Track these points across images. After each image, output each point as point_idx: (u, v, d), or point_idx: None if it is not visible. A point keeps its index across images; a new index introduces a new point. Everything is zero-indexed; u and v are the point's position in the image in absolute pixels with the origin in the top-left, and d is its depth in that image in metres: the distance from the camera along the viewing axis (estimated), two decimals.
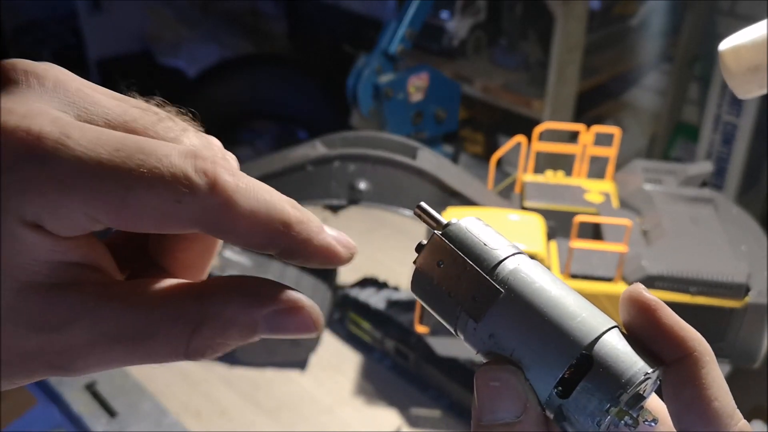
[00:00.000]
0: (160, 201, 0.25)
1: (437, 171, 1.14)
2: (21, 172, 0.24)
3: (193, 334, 0.27)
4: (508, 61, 2.17)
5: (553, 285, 0.29)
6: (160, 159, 0.25)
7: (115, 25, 2.81)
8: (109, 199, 0.25)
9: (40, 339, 0.26)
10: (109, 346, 0.26)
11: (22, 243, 0.25)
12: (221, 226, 0.26)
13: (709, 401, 0.28)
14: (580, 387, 0.28)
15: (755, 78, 0.55)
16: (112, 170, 0.25)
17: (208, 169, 0.26)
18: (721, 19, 2.02)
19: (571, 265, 0.99)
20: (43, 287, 0.26)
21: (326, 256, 0.28)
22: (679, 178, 1.16)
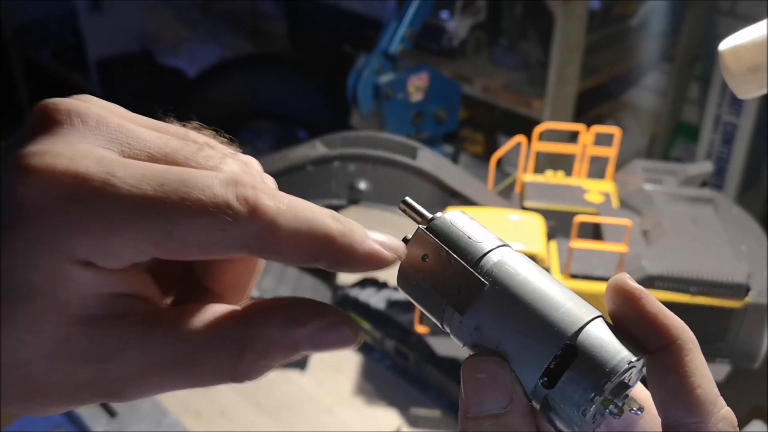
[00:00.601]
0: (205, 231, 0.26)
1: (437, 171, 1.14)
2: (70, 214, 0.25)
3: (239, 359, 0.28)
4: (508, 61, 2.17)
5: (538, 276, 0.30)
6: (203, 190, 0.26)
7: (115, 25, 2.81)
8: (156, 233, 0.26)
9: (93, 369, 0.27)
10: (159, 374, 0.27)
11: (74, 280, 0.25)
12: (266, 249, 0.27)
13: (692, 388, 0.29)
14: (565, 377, 0.28)
15: (755, 78, 0.55)
16: (157, 205, 0.25)
17: (249, 195, 0.26)
18: (721, 19, 2.02)
19: (571, 265, 0.99)
20: (93, 320, 0.26)
21: (372, 262, 0.29)
22: (679, 178, 1.16)
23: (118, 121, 0.28)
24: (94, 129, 0.27)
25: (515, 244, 1.01)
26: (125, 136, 0.28)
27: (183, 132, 0.30)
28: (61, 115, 0.27)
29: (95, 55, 2.82)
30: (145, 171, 0.26)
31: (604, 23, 2.17)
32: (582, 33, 1.83)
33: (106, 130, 0.27)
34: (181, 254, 0.26)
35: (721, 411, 0.29)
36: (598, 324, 0.29)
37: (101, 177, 0.25)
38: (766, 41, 0.54)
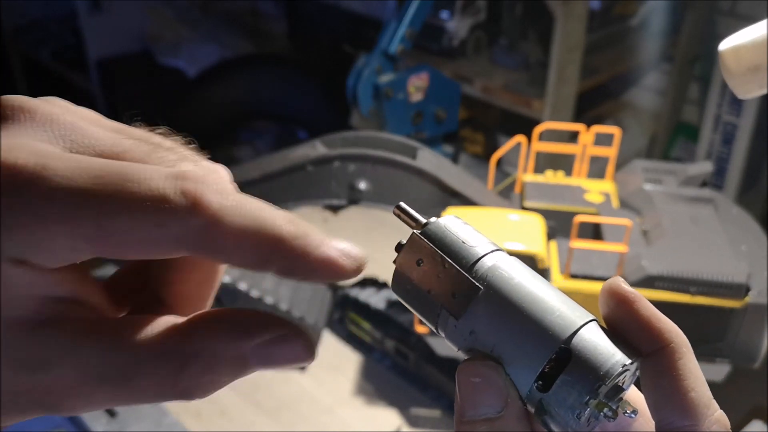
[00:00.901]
0: (141, 226, 0.24)
1: (437, 171, 1.14)
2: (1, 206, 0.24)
3: (181, 374, 0.26)
4: (508, 61, 2.17)
5: (532, 281, 0.30)
6: (140, 183, 0.25)
7: (115, 25, 2.81)
8: (89, 228, 0.24)
9: (29, 378, 0.25)
10: (95, 387, 0.26)
11: (6, 279, 0.24)
12: (208, 247, 0.25)
13: (686, 392, 0.29)
14: (559, 380, 0.28)
15: (755, 78, 0.55)
16: (90, 198, 0.24)
17: (190, 188, 0.25)
18: (721, 19, 2.02)
19: (571, 265, 0.99)
20: (28, 324, 0.25)
21: (328, 270, 0.27)
22: (679, 178, 1.16)
23: (70, 119, 0.27)
24: (41, 125, 0.26)
25: (515, 244, 1.01)
26: (73, 133, 0.27)
27: (143, 134, 0.29)
28: (7, 110, 0.26)
29: (95, 55, 2.82)
30: (82, 163, 0.25)
31: (604, 23, 2.17)
32: (582, 33, 1.83)
33: (54, 127, 0.26)
34: (119, 252, 0.25)
35: (715, 414, 0.29)
36: (592, 327, 0.29)
37: (30, 168, 0.24)
38: (766, 41, 0.54)
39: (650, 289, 0.96)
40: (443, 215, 0.34)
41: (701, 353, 1.00)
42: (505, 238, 1.00)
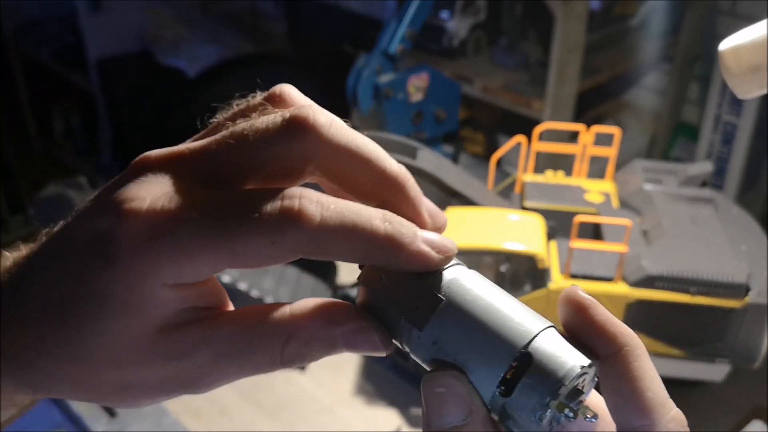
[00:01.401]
0: (259, 245, 0.30)
1: (437, 171, 1.14)
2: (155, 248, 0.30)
3: (285, 347, 0.32)
4: (508, 61, 2.17)
5: (492, 292, 0.31)
6: (252, 210, 0.30)
7: (115, 25, 2.81)
8: (221, 252, 0.30)
9: (173, 366, 0.32)
10: (227, 364, 0.32)
11: (161, 300, 0.31)
12: (316, 252, 0.30)
13: (641, 392, 0.30)
14: (520, 385, 0.29)
15: (755, 78, 0.55)
16: (219, 231, 0.30)
17: (293, 206, 0.30)
18: (722, 19, 2.02)
19: (571, 265, 0.99)
20: (171, 326, 0.32)
21: (420, 263, 0.31)
22: (679, 178, 1.16)
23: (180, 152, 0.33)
24: (167, 169, 0.32)
25: (515, 244, 1.01)
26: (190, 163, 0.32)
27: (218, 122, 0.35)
28: (149, 163, 0.33)
29: (95, 55, 2.82)
30: (207, 200, 0.31)
31: (604, 23, 2.17)
32: (582, 33, 1.83)
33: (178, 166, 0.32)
34: (245, 265, 0.31)
35: (671, 412, 0.30)
36: (551, 333, 0.30)
37: (174, 213, 0.30)
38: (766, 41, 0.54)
39: (650, 289, 0.96)
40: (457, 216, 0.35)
41: (701, 353, 1.00)
42: (505, 238, 1.00)
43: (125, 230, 0.30)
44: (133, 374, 0.32)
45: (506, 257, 0.98)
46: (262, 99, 0.35)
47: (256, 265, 0.31)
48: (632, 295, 0.97)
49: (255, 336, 0.32)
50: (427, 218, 0.33)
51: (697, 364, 1.01)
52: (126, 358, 0.31)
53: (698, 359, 1.01)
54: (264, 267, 0.32)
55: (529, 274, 1.00)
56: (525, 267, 1.00)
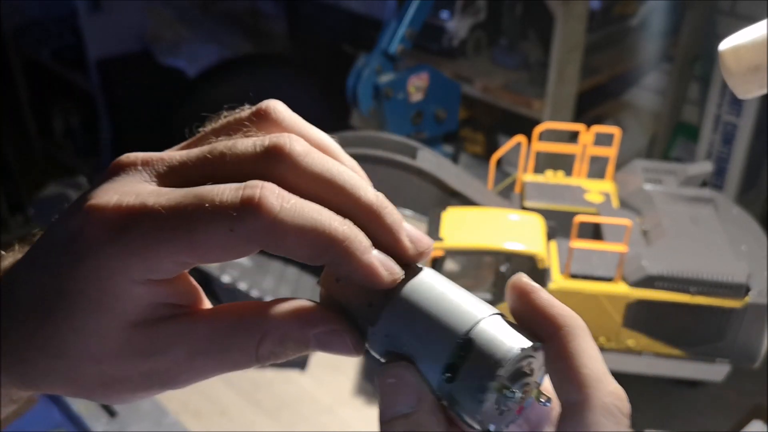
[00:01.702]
0: (218, 233, 0.31)
1: (437, 171, 1.14)
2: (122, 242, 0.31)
3: (259, 345, 0.33)
4: (508, 61, 2.17)
5: (442, 286, 0.33)
6: (213, 199, 0.31)
7: (115, 25, 2.81)
8: (183, 243, 0.31)
9: (151, 362, 0.33)
10: (203, 361, 0.33)
11: (132, 295, 0.32)
12: (273, 243, 0.31)
13: (578, 369, 0.31)
14: (462, 370, 0.30)
15: (755, 78, 0.55)
16: (179, 221, 0.31)
17: (254, 194, 0.30)
18: (722, 19, 2.02)
19: (571, 265, 0.99)
20: (148, 322, 0.33)
21: (367, 275, 0.32)
22: (679, 178, 1.16)
23: (157, 154, 0.34)
24: (140, 170, 0.34)
25: (515, 244, 1.01)
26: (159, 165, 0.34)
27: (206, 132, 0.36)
28: (120, 166, 0.34)
29: (95, 55, 2.82)
30: (169, 195, 0.32)
31: (604, 23, 2.17)
32: (582, 33, 1.83)
33: (147, 167, 0.34)
34: (210, 257, 0.32)
35: (609, 387, 0.31)
36: (495, 320, 0.32)
37: (138, 209, 0.31)
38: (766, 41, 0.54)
39: (650, 289, 0.96)
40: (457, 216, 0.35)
41: (701, 353, 1.00)
42: (505, 238, 1.00)
43: (92, 228, 0.31)
44: (112, 369, 0.33)
45: (506, 257, 0.98)
46: (250, 114, 0.35)
47: (217, 257, 0.32)
48: (632, 295, 0.97)
49: (230, 334, 0.33)
50: (407, 244, 0.33)
51: (697, 364, 1.01)
52: (103, 354, 0.33)
53: (698, 359, 1.01)
54: (226, 260, 0.32)
55: (529, 274, 1.00)
56: (525, 267, 1.00)
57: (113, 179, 0.33)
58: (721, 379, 1.02)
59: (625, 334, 1.00)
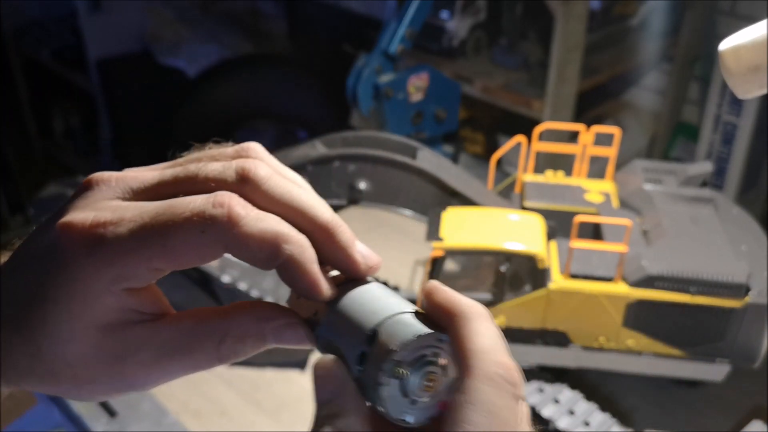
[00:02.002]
0: (191, 237, 0.34)
1: (437, 171, 1.14)
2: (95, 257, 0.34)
3: (220, 345, 0.36)
4: (508, 61, 2.17)
5: (375, 294, 0.37)
6: (186, 206, 0.34)
7: (115, 25, 2.81)
8: (157, 250, 0.34)
9: (120, 364, 0.36)
10: (168, 363, 0.36)
11: (103, 303, 0.35)
12: (238, 248, 0.35)
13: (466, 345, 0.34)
14: (368, 357, 0.34)
15: (755, 78, 0.55)
16: (153, 230, 0.34)
17: (223, 201, 0.34)
18: (722, 19, 2.03)
19: (571, 265, 0.99)
20: (116, 328, 0.35)
21: (309, 285, 0.36)
22: (679, 178, 1.16)
23: (131, 175, 0.37)
24: (114, 186, 0.36)
25: (515, 244, 1.01)
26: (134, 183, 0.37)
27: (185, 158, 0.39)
28: (91, 183, 0.37)
29: (95, 55, 2.81)
30: (143, 208, 0.35)
31: (604, 23, 2.17)
32: (582, 33, 1.83)
33: (121, 184, 0.37)
34: (184, 262, 0.35)
35: (494, 358, 0.33)
36: (405, 316, 0.35)
37: (113, 222, 0.34)
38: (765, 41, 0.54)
39: (650, 289, 0.96)
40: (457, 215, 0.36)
41: (701, 353, 1.00)
42: (505, 238, 1.00)
43: (67, 242, 0.34)
44: (85, 371, 0.36)
45: (506, 257, 0.98)
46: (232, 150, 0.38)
47: (188, 261, 0.35)
48: (632, 295, 0.97)
49: (193, 336, 0.36)
50: (359, 260, 0.37)
51: (697, 364, 1.01)
52: (75, 357, 0.35)
53: (698, 359, 1.01)
54: (195, 264, 0.35)
55: (529, 274, 1.00)
56: (525, 267, 1.00)
57: (86, 195, 0.36)
58: (721, 379, 1.01)
59: (625, 334, 1.00)
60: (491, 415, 0.32)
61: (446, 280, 1.03)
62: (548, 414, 0.98)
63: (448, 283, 0.37)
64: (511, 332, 1.01)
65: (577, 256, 1.01)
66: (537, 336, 1.01)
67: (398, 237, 1.59)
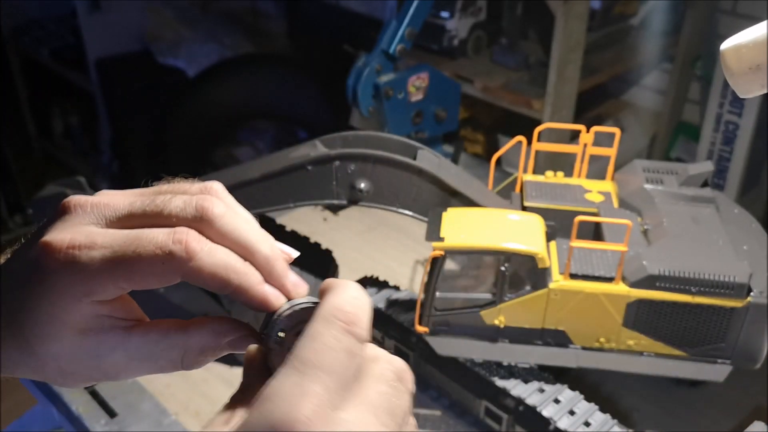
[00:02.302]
0: (153, 266, 0.40)
1: (437, 171, 1.14)
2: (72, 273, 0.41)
3: (183, 357, 0.44)
4: (508, 61, 2.16)
5: None
6: (150, 240, 0.40)
7: (115, 25, 2.80)
8: (124, 273, 0.41)
9: (96, 362, 0.43)
10: (137, 365, 0.44)
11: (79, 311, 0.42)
12: (194, 276, 0.41)
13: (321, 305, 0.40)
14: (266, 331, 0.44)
15: (756, 77, 0.55)
16: (122, 256, 0.41)
17: (182, 239, 0.41)
18: (722, 19, 2.02)
19: (571, 265, 0.98)
20: (92, 332, 0.43)
21: (260, 303, 0.43)
22: (680, 177, 1.16)
23: (105, 201, 0.43)
24: (89, 212, 0.43)
25: (515, 244, 1.01)
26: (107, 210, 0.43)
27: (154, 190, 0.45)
28: (70, 207, 0.43)
29: (94, 55, 2.81)
30: (115, 236, 0.41)
31: (604, 23, 2.17)
32: (582, 33, 1.83)
33: (96, 211, 0.43)
34: (144, 284, 0.41)
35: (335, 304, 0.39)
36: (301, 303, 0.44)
37: (87, 246, 0.41)
38: (767, 41, 0.54)
39: (651, 289, 0.96)
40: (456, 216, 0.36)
41: (702, 353, 1.00)
42: (505, 238, 0.99)
43: (45, 259, 0.41)
44: (67, 365, 0.43)
45: (506, 257, 0.98)
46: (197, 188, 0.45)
47: (148, 285, 0.41)
48: (633, 295, 0.97)
49: (158, 348, 0.44)
50: (290, 287, 0.44)
51: (698, 364, 1.01)
52: (60, 354, 0.43)
53: (699, 359, 1.01)
54: (154, 287, 0.41)
55: (529, 274, 1.00)
56: (525, 267, 1.00)
57: (65, 218, 0.43)
58: (723, 379, 1.01)
59: (626, 335, 1.00)
60: (313, 341, 0.37)
61: (446, 280, 1.03)
62: (548, 414, 0.98)
63: (448, 283, 0.37)
64: (511, 332, 1.01)
65: (577, 256, 1.00)
66: (537, 336, 1.01)
67: (398, 237, 1.59)
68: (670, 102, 2.16)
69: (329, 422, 0.34)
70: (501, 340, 1.02)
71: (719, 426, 1.12)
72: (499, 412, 1.04)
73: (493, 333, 1.01)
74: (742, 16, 1.97)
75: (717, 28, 2.02)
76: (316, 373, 0.35)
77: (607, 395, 1.16)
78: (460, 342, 1.03)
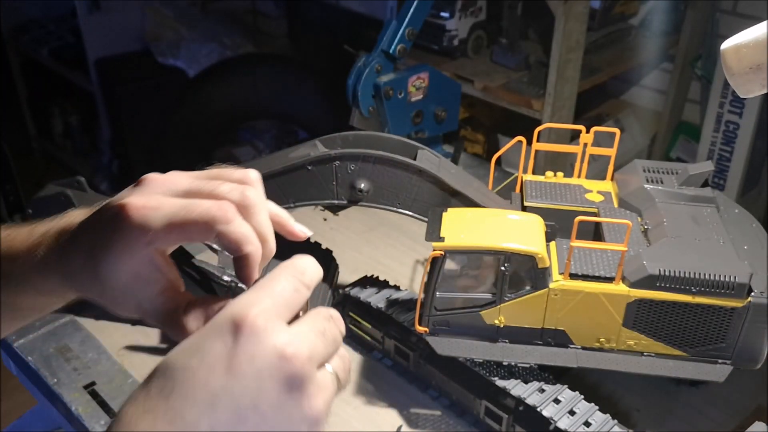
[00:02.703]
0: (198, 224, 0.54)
1: (437, 171, 1.14)
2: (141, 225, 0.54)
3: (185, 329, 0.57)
4: (508, 61, 2.16)
5: None
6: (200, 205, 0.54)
7: (115, 25, 2.80)
8: (178, 229, 0.54)
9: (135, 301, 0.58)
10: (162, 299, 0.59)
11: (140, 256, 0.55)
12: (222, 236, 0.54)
13: None
14: None
15: (756, 77, 0.55)
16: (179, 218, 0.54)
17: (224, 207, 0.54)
18: (723, 18, 2.02)
19: (571, 265, 0.98)
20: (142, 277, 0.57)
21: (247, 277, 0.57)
22: (680, 177, 1.16)
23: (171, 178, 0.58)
24: (159, 184, 0.57)
25: (515, 244, 1.01)
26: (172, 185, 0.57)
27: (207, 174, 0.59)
28: (145, 180, 0.57)
29: (94, 55, 2.81)
30: (174, 202, 0.55)
31: (604, 23, 2.17)
32: (582, 33, 1.83)
33: (164, 184, 0.57)
34: (192, 238, 0.55)
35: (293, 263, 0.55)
36: None
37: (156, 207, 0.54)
38: (767, 41, 0.54)
39: (651, 289, 0.96)
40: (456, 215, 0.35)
41: (702, 354, 1.00)
42: (505, 238, 0.99)
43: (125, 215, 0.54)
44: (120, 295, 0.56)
45: (506, 257, 0.98)
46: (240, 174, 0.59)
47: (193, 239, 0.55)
48: (633, 295, 0.97)
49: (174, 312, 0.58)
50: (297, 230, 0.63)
51: (699, 364, 1.01)
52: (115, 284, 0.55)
53: (699, 359, 1.01)
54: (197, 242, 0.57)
55: (529, 274, 1.00)
56: (525, 267, 0.99)
57: (141, 187, 0.57)
58: (723, 379, 1.01)
59: (626, 334, 1.00)
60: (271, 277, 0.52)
61: (446, 280, 1.03)
62: (548, 414, 0.98)
63: (448, 283, 0.36)
64: (511, 332, 1.01)
65: (577, 256, 1.00)
66: (537, 336, 1.01)
67: (398, 237, 1.59)
68: (670, 102, 2.16)
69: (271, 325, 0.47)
70: (501, 340, 1.02)
71: (719, 426, 1.12)
72: (499, 412, 1.04)
73: (493, 333, 1.01)
74: (742, 16, 1.97)
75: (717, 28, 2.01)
76: (267, 292, 0.49)
77: (607, 395, 1.16)
78: (460, 342, 1.03)
